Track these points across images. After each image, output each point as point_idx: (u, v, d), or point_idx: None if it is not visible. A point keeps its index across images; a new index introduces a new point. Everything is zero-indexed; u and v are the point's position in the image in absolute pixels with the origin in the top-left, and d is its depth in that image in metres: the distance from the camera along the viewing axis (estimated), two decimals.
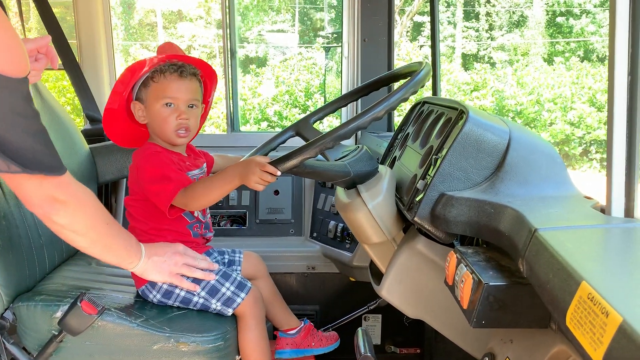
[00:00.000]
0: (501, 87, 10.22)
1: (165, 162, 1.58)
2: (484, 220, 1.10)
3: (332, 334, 2.00)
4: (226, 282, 1.61)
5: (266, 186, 1.42)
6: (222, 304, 1.59)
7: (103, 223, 1.22)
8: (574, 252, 0.78)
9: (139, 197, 1.62)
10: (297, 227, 2.47)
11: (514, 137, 1.20)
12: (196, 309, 1.59)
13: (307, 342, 1.89)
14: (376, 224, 1.41)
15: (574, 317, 0.69)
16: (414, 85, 1.32)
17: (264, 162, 1.39)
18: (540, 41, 14.63)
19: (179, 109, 1.59)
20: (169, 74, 1.58)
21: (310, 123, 1.68)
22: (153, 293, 1.59)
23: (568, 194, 1.14)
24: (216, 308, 1.59)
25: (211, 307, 1.59)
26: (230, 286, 1.61)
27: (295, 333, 1.88)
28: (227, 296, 1.59)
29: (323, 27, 13.62)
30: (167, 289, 1.58)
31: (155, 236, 1.60)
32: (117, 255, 1.31)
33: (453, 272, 1.08)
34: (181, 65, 1.60)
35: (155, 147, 1.63)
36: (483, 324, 0.96)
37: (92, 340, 1.40)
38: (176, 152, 1.67)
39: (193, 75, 1.63)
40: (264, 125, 8.60)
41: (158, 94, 1.59)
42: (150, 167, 1.56)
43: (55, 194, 1.10)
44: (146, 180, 1.56)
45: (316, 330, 1.96)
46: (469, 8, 15.77)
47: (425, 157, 1.37)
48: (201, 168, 1.74)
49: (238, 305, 1.59)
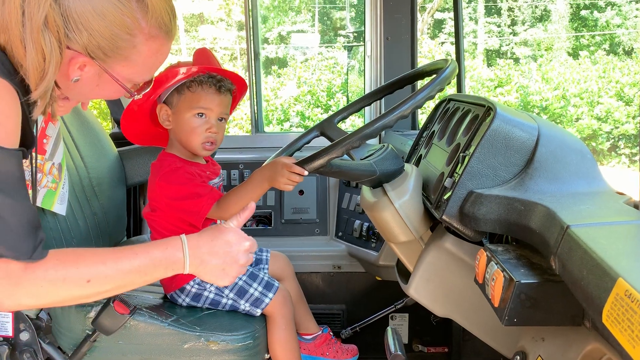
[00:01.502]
0: (526, 83, 10.08)
1: (188, 177, 1.55)
2: (514, 217, 1.09)
3: (351, 347, 1.97)
4: (254, 283, 1.62)
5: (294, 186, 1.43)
6: (250, 305, 1.60)
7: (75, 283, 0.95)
8: (609, 248, 0.77)
9: (161, 212, 1.60)
10: (322, 227, 2.48)
11: (543, 133, 1.19)
12: (226, 308, 1.61)
13: (321, 350, 1.88)
14: (403, 223, 1.41)
15: (611, 315, 0.68)
16: (440, 83, 1.31)
17: (290, 163, 1.39)
18: (564, 35, 14.38)
19: (210, 122, 1.57)
20: (207, 87, 1.55)
21: (335, 123, 1.68)
22: (182, 297, 1.61)
23: (599, 189, 1.12)
24: (245, 309, 1.60)
25: (240, 307, 1.61)
26: (258, 287, 1.62)
27: (310, 339, 1.88)
28: (255, 297, 1.61)
29: (343, 26, 13.61)
30: (195, 292, 1.60)
31: None
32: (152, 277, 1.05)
33: (483, 270, 1.07)
34: (220, 79, 1.57)
35: (173, 160, 1.59)
36: (515, 322, 0.95)
37: (125, 339, 1.43)
38: (195, 162, 1.64)
39: (228, 91, 1.61)
40: (286, 125, 8.63)
41: (192, 103, 1.55)
42: (176, 185, 1.53)
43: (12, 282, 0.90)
44: (173, 197, 1.54)
45: (334, 341, 1.94)
46: (491, 4, 15.59)
47: (452, 155, 1.36)
48: (220, 176, 1.73)
49: (266, 306, 1.61)
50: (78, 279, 0.95)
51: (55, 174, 1.58)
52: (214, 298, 1.60)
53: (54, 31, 0.89)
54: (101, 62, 0.96)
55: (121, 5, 0.93)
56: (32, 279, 0.91)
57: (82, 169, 1.84)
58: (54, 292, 0.94)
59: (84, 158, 1.87)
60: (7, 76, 0.88)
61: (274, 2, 13.92)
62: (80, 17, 0.90)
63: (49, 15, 0.87)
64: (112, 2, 0.92)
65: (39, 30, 0.87)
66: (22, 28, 0.87)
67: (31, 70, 0.89)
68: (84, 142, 1.91)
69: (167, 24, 1.01)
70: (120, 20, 0.93)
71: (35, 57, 0.88)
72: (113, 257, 0.99)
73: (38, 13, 0.87)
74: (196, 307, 1.60)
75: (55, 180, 1.57)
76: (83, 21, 0.91)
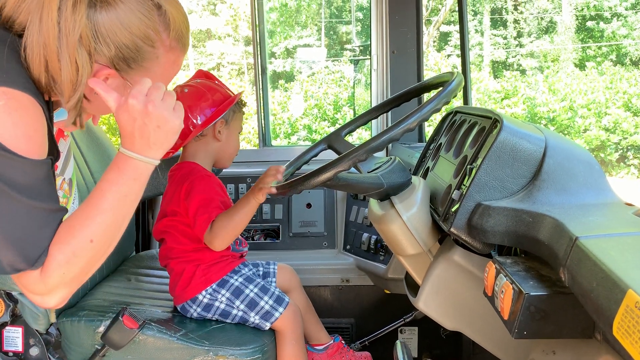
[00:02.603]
0: (532, 95, 10.06)
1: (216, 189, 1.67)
2: (522, 229, 1.08)
3: (364, 354, 1.97)
4: (265, 296, 1.63)
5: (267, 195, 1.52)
6: (260, 318, 1.61)
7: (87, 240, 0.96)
8: (618, 260, 0.77)
9: (180, 218, 1.65)
10: (330, 240, 2.48)
11: (550, 145, 1.19)
12: (234, 322, 1.61)
13: None
14: (411, 236, 1.40)
15: (622, 327, 0.68)
16: (447, 96, 1.31)
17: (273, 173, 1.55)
18: (571, 46, 14.39)
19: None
20: (241, 111, 1.78)
21: (342, 136, 1.68)
22: (193, 307, 1.62)
23: (608, 201, 1.12)
24: (254, 321, 1.61)
25: (249, 320, 1.61)
26: (269, 300, 1.62)
27: (322, 349, 1.87)
28: (265, 310, 1.61)
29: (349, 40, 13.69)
30: (207, 302, 1.61)
31: (194, 253, 1.63)
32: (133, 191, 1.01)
33: (492, 283, 1.07)
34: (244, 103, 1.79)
35: (202, 168, 1.70)
36: (525, 335, 0.95)
37: (134, 354, 1.43)
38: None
39: None
40: (294, 139, 8.66)
41: (240, 122, 1.78)
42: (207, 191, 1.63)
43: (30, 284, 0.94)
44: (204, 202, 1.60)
45: (347, 349, 1.94)
46: (497, 16, 15.64)
47: (459, 167, 1.36)
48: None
49: (276, 320, 1.61)
50: (83, 244, 0.96)
51: (66, 189, 1.59)
52: (224, 309, 1.61)
53: (86, 45, 0.93)
54: (124, 74, 0.99)
55: (145, 18, 0.96)
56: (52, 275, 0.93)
57: (91, 184, 1.86)
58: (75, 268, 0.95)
59: (93, 174, 1.89)
60: (32, 92, 0.92)
61: (281, 17, 14.04)
62: (108, 30, 0.94)
63: (83, 30, 0.91)
64: (137, 15, 0.95)
65: (74, 45, 0.91)
66: (58, 43, 0.91)
67: (66, 83, 0.93)
68: (94, 158, 1.93)
69: (184, 37, 1.05)
70: (144, 33, 0.97)
71: (70, 71, 0.92)
72: (92, 208, 0.98)
73: (74, 30, 0.91)
74: (205, 320, 1.61)
75: (65, 195, 1.59)
76: (110, 34, 0.94)
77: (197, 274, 1.63)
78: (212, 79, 1.76)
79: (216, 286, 1.64)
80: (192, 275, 1.63)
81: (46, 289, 0.94)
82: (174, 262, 1.67)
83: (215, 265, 1.67)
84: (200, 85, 1.70)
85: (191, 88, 1.68)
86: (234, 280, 1.66)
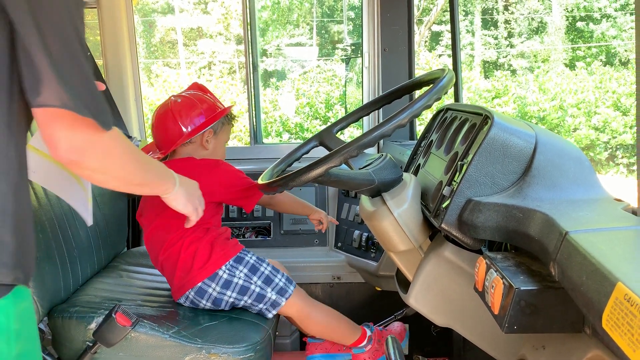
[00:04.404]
0: (523, 94, 10.12)
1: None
2: (513, 225, 1.09)
3: (398, 325, 2.05)
4: (277, 274, 1.73)
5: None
6: (276, 293, 1.69)
7: (133, 161, 1.08)
8: (608, 253, 0.78)
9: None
10: (322, 237, 2.48)
11: (541, 141, 1.20)
12: (251, 300, 1.68)
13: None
14: (402, 232, 1.41)
15: (611, 319, 0.68)
16: (437, 92, 1.32)
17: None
18: (561, 47, 14.48)
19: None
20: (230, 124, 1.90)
21: (334, 133, 1.69)
22: (212, 287, 1.66)
23: (598, 196, 1.13)
24: (271, 298, 1.68)
25: (266, 295, 1.68)
26: (282, 278, 1.72)
27: (365, 344, 1.90)
28: (280, 286, 1.70)
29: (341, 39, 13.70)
30: (226, 279, 1.67)
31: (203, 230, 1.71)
32: (152, 188, 1.28)
33: (483, 278, 1.07)
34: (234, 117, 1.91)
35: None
36: (515, 330, 0.95)
37: (126, 351, 1.43)
38: None
39: None
40: (285, 137, 8.66)
41: (228, 134, 1.91)
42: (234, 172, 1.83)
43: (87, 144, 0.94)
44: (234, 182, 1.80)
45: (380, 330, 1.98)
46: (488, 16, 15.71)
47: (450, 164, 1.37)
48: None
49: (290, 296, 1.70)
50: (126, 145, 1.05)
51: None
52: (243, 284, 1.67)
53: None
54: None
55: None
56: (108, 137, 0.96)
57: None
58: (117, 156, 1.02)
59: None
60: None
61: (273, 15, 14.02)
62: None
63: None
64: None
65: None
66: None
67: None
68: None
69: None
70: None
71: None
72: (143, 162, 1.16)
73: None
74: (198, 316, 1.62)
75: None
76: None
77: (215, 249, 1.69)
78: (205, 91, 1.86)
79: (233, 262, 1.69)
80: (211, 251, 1.68)
81: (77, 152, 0.93)
82: (182, 245, 1.68)
83: (230, 241, 1.75)
84: (192, 96, 1.80)
85: (184, 98, 1.79)
86: (249, 258, 1.73)
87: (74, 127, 0.90)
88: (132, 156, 1.08)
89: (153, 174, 1.22)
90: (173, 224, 1.67)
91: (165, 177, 1.30)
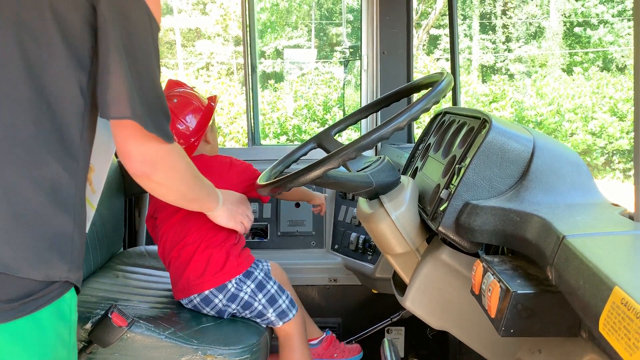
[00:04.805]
0: (520, 98, 10.15)
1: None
2: (510, 228, 1.09)
3: (355, 346, 2.01)
4: (282, 295, 1.71)
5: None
6: (276, 316, 1.68)
7: (192, 176, 1.20)
8: (605, 258, 0.78)
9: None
10: (319, 239, 2.48)
11: (538, 145, 1.20)
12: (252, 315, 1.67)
13: (329, 352, 1.90)
14: (400, 234, 1.41)
15: (607, 323, 0.69)
16: (436, 95, 1.32)
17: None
18: (558, 52, 14.54)
19: None
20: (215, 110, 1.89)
21: (332, 135, 1.69)
22: (219, 297, 1.64)
23: (595, 201, 1.13)
24: (270, 318, 1.68)
25: (266, 315, 1.67)
26: (286, 300, 1.70)
27: (317, 343, 1.90)
28: (282, 309, 1.68)
29: (339, 42, 13.72)
30: (233, 292, 1.65)
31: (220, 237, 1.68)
32: (200, 205, 1.39)
33: (480, 281, 1.07)
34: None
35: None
36: (512, 333, 0.96)
37: (121, 351, 1.42)
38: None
39: None
40: (282, 139, 8.66)
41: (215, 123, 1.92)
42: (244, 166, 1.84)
43: (158, 158, 1.05)
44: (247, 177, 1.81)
45: (339, 342, 1.97)
46: (485, 21, 15.75)
47: (448, 167, 1.37)
48: None
49: (289, 320, 1.68)
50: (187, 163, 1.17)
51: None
52: (247, 300, 1.66)
53: None
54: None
55: None
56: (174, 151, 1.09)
57: None
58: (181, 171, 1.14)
59: None
60: None
61: (272, 17, 14.03)
62: None
63: None
64: None
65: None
66: None
67: None
68: None
69: None
70: None
71: None
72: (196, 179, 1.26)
73: None
74: (195, 317, 1.61)
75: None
76: None
77: (230, 258, 1.66)
78: (185, 85, 1.85)
79: (242, 276, 1.68)
80: (225, 260, 1.66)
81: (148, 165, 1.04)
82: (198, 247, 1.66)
83: (244, 251, 1.74)
84: (183, 94, 1.78)
85: (179, 98, 1.77)
86: (257, 273, 1.72)
87: (145, 140, 1.00)
88: (192, 172, 1.19)
89: (205, 191, 1.34)
90: (193, 224, 1.66)
91: (213, 195, 1.40)
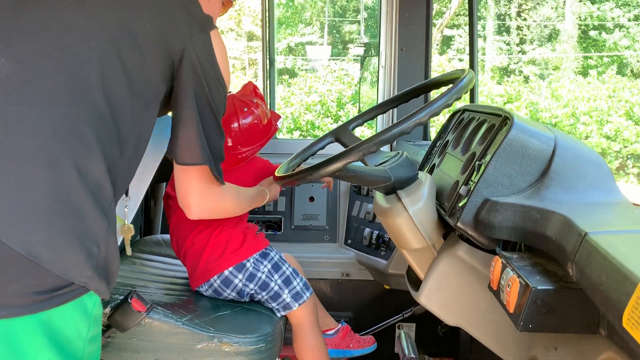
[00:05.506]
0: (535, 100, 10.09)
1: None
2: (530, 225, 1.10)
3: (369, 337, 2.03)
4: (297, 277, 1.73)
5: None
6: (291, 297, 1.69)
7: (240, 204, 1.46)
8: (628, 254, 0.78)
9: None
10: (332, 234, 2.49)
11: (559, 144, 1.20)
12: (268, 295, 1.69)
13: (345, 342, 1.92)
14: (417, 230, 1.41)
15: (632, 318, 0.69)
16: (458, 92, 1.32)
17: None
18: (573, 55, 14.42)
19: None
20: None
21: (350, 129, 1.69)
22: (239, 277, 1.67)
23: (616, 200, 1.13)
24: (285, 300, 1.69)
25: (282, 296, 1.69)
26: (300, 282, 1.72)
27: (333, 333, 1.92)
28: (296, 290, 1.70)
29: (352, 39, 13.69)
30: (251, 272, 1.67)
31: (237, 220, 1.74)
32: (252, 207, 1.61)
33: (498, 277, 1.08)
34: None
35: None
36: (530, 328, 0.96)
37: (139, 336, 1.44)
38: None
39: None
40: (296, 134, 8.67)
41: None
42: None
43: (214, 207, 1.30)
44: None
45: (353, 333, 1.99)
46: (500, 22, 15.65)
47: (467, 164, 1.37)
48: None
49: (303, 302, 1.69)
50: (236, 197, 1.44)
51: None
52: (264, 280, 1.68)
53: None
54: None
55: None
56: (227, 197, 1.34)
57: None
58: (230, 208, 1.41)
59: None
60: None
61: (286, 12, 14.03)
62: None
63: None
64: None
65: None
66: None
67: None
68: None
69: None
70: None
71: None
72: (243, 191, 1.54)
73: None
74: (212, 305, 1.64)
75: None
76: None
77: (248, 237, 1.71)
78: (262, 98, 1.90)
79: (259, 256, 1.71)
80: (244, 239, 1.70)
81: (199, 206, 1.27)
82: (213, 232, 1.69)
83: (260, 234, 1.78)
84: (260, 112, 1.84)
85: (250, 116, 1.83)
86: (273, 254, 1.74)
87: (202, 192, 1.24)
88: (239, 201, 1.45)
89: (256, 202, 1.60)
90: None
91: (261, 196, 1.64)
